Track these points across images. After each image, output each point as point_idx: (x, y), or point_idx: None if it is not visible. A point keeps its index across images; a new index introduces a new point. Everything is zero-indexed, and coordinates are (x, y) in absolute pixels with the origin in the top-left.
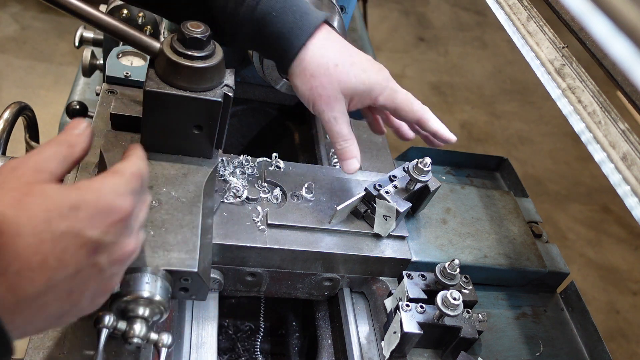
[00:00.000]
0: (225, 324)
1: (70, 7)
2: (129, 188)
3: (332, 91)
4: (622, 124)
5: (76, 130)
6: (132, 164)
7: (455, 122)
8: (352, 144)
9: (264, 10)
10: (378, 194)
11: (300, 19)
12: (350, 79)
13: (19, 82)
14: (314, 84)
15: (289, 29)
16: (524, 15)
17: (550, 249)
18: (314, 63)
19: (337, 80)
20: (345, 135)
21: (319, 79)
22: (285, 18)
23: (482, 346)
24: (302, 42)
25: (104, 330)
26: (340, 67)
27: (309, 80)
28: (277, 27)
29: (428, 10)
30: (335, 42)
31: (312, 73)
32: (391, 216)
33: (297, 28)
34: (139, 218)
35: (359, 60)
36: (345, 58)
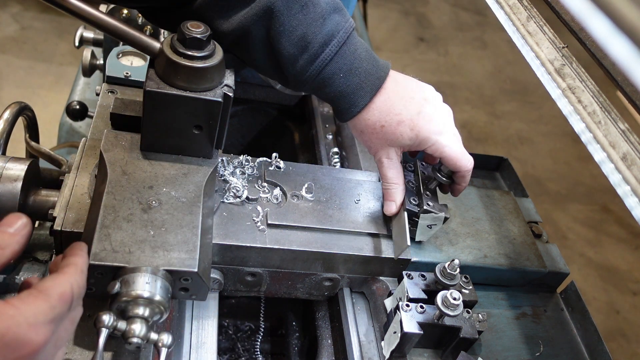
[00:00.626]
0: (225, 324)
1: (70, 7)
2: (50, 316)
3: (380, 146)
4: (622, 124)
5: (10, 228)
6: (63, 282)
7: (455, 122)
8: (396, 188)
9: (332, 70)
10: (424, 209)
11: (365, 81)
12: (397, 138)
13: (19, 82)
14: (364, 139)
15: (352, 91)
16: (524, 15)
17: (550, 249)
18: (363, 124)
19: (384, 139)
20: (390, 178)
21: (367, 136)
22: (350, 80)
23: (482, 346)
24: (363, 105)
25: (104, 330)
26: (386, 128)
27: (360, 135)
28: (341, 89)
29: (428, 10)
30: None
31: (362, 130)
32: (437, 224)
33: (360, 89)
34: (58, 345)
35: (407, 117)
36: (392, 118)
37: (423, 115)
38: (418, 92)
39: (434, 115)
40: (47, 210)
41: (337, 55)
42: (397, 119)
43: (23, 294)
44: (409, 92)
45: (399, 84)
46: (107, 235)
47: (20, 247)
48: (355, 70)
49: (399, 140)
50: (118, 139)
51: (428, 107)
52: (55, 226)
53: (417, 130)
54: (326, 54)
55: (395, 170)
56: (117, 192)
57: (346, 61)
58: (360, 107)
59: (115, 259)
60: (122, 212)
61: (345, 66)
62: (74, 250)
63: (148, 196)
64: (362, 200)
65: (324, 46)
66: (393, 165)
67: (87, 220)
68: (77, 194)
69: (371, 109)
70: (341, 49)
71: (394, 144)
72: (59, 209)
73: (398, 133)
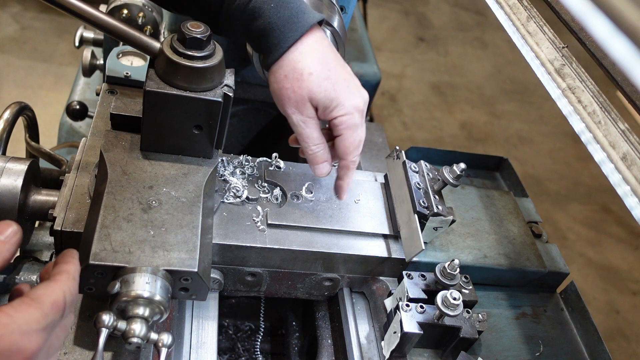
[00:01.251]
0: (225, 324)
1: (71, 8)
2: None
3: (300, 97)
4: (622, 124)
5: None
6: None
7: (455, 122)
8: (323, 148)
9: (262, 0)
10: (433, 212)
11: (296, 15)
12: (319, 91)
13: (19, 82)
14: (285, 85)
15: (283, 24)
16: (524, 15)
17: (550, 249)
18: (291, 65)
19: (307, 88)
20: (315, 139)
21: (290, 82)
22: (281, 12)
23: (482, 346)
24: (293, 40)
25: (104, 330)
26: (313, 77)
27: (282, 80)
28: (271, 20)
29: (428, 10)
30: (320, 50)
31: (286, 74)
32: (443, 226)
33: (292, 23)
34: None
35: (336, 77)
36: (322, 70)
37: (349, 84)
38: (347, 67)
39: (358, 92)
40: (47, 210)
41: None
42: (326, 74)
43: (16, 302)
44: (340, 59)
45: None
46: (107, 235)
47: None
48: (287, 3)
49: (319, 94)
50: (118, 139)
51: (354, 82)
52: (55, 226)
53: (338, 93)
54: None
55: (318, 129)
56: (117, 192)
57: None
58: (290, 41)
59: (115, 259)
60: (122, 212)
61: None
62: (66, 258)
63: (148, 196)
64: (362, 200)
65: None
66: (316, 124)
67: (87, 220)
68: (77, 194)
69: (301, 48)
70: None
71: (313, 99)
72: (59, 209)
73: (323, 87)
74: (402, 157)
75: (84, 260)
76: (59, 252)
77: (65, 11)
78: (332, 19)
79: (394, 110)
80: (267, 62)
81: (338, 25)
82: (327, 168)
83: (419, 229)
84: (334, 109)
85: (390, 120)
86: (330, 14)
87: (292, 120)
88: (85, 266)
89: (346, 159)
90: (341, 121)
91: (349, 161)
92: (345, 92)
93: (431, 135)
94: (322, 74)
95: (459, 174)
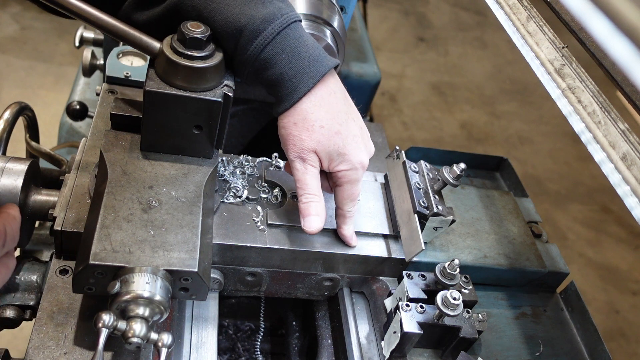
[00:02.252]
0: (225, 324)
1: (71, 8)
2: None
3: (307, 146)
4: (622, 124)
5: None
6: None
7: (455, 122)
8: (318, 201)
9: (274, 50)
10: (433, 212)
11: (308, 66)
12: (329, 144)
13: (19, 82)
14: (294, 133)
15: (294, 74)
16: (524, 15)
17: (550, 249)
18: (302, 115)
19: (315, 140)
20: (312, 188)
21: (299, 131)
22: (293, 63)
23: (482, 346)
24: (304, 91)
25: (104, 330)
26: (325, 130)
27: (291, 127)
28: (283, 71)
29: (428, 10)
30: (334, 102)
31: (296, 122)
32: (443, 226)
33: (303, 74)
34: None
35: (346, 132)
36: (333, 124)
37: (357, 140)
38: (358, 119)
39: (365, 147)
40: (47, 210)
41: (280, 35)
42: (337, 129)
43: None
44: (352, 110)
45: (346, 96)
46: (107, 235)
47: None
48: (299, 53)
49: (327, 148)
50: (118, 139)
51: (363, 137)
52: (56, 226)
53: (348, 149)
54: (268, 32)
55: (318, 180)
56: (117, 192)
57: (289, 43)
58: (301, 93)
59: (115, 259)
60: (122, 212)
61: (289, 48)
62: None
63: (148, 196)
64: (362, 200)
65: (266, 24)
66: (315, 174)
67: (87, 220)
68: (77, 194)
69: (313, 99)
70: (284, 30)
71: (320, 151)
72: (59, 209)
73: (332, 141)
74: (402, 157)
75: (84, 260)
76: (59, 252)
77: (65, 11)
78: (332, 19)
79: (394, 110)
80: (277, 110)
81: (338, 25)
82: (317, 223)
83: (419, 229)
84: (340, 163)
85: (390, 120)
86: (330, 14)
87: (294, 166)
88: (85, 266)
89: (343, 209)
90: (344, 175)
91: (345, 211)
92: (354, 148)
93: (431, 135)
94: (334, 128)
95: (459, 174)
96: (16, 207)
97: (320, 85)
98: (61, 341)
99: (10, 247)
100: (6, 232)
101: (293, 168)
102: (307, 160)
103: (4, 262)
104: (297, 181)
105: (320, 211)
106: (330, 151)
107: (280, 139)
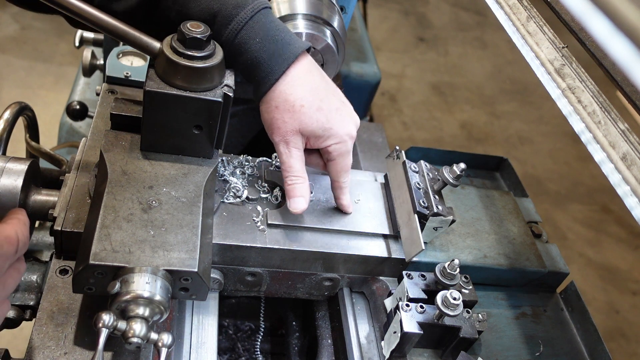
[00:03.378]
0: (225, 324)
1: (71, 8)
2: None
3: (291, 128)
4: (622, 124)
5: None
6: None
7: (455, 122)
8: (303, 182)
9: (247, 34)
10: (433, 212)
11: (281, 48)
12: (311, 122)
13: (19, 82)
14: (276, 116)
15: (269, 57)
16: (524, 15)
17: (550, 249)
18: (282, 97)
19: (298, 120)
20: (297, 170)
21: (281, 113)
22: (267, 46)
23: (482, 346)
24: (280, 73)
25: (104, 330)
26: (305, 109)
27: (273, 111)
28: (258, 55)
29: (428, 10)
30: (310, 80)
31: (277, 105)
32: (443, 226)
33: (278, 56)
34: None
35: (328, 107)
36: (314, 101)
37: (341, 113)
38: (338, 93)
39: (350, 118)
40: (47, 210)
41: (252, 20)
42: (318, 105)
43: None
44: (331, 85)
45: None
46: (107, 235)
47: None
48: (272, 37)
49: (311, 125)
50: (118, 139)
51: (346, 109)
52: (56, 226)
53: (332, 124)
54: (241, 17)
55: (302, 162)
56: (117, 192)
57: (262, 27)
58: (277, 74)
59: (115, 259)
60: (122, 212)
61: (262, 32)
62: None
63: (148, 196)
64: (362, 200)
65: (238, 9)
66: (300, 156)
67: (87, 220)
68: (77, 194)
69: (290, 79)
70: (256, 15)
71: (305, 130)
72: (59, 209)
73: (315, 118)
74: (402, 157)
75: (84, 260)
76: (59, 252)
77: (66, 11)
78: (332, 19)
79: (394, 110)
80: (257, 95)
81: (338, 25)
82: (302, 204)
83: (419, 229)
84: (327, 138)
85: (390, 120)
86: (330, 14)
87: (278, 149)
88: (85, 266)
89: (339, 181)
90: (334, 149)
91: (341, 182)
92: (338, 121)
93: (431, 135)
94: (314, 104)
95: (459, 174)
96: (24, 211)
97: (295, 65)
98: (61, 341)
99: (22, 253)
100: (19, 238)
101: (277, 151)
102: (290, 143)
103: (15, 266)
104: (282, 164)
105: (305, 192)
106: (314, 128)
107: (264, 124)
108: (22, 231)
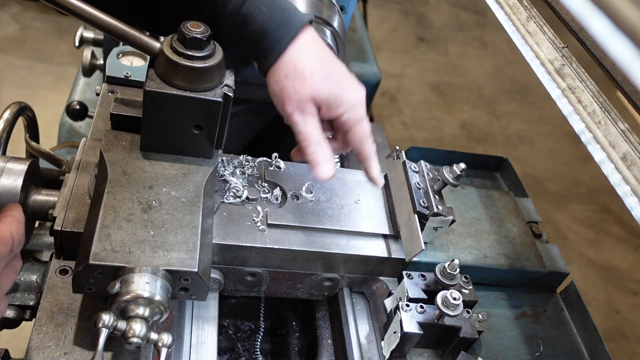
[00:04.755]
0: (225, 324)
1: (71, 8)
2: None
3: (303, 96)
4: (622, 124)
5: None
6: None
7: (455, 122)
8: (324, 148)
9: (253, 4)
10: (433, 212)
11: (288, 16)
12: (322, 89)
13: (19, 82)
14: (287, 85)
15: (276, 26)
16: (524, 15)
17: (550, 249)
18: (291, 65)
19: (309, 87)
20: (316, 138)
21: (292, 82)
22: (274, 15)
23: (482, 346)
24: (288, 41)
25: (104, 330)
26: (315, 75)
27: (283, 81)
28: (265, 24)
29: (428, 10)
30: (317, 49)
31: (287, 74)
32: (443, 226)
33: (285, 24)
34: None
35: (336, 74)
36: (323, 68)
37: (349, 81)
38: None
39: (357, 87)
40: (47, 210)
41: None
42: (327, 71)
43: None
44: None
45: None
46: (107, 235)
47: None
48: (278, 5)
49: (322, 93)
50: (118, 139)
51: (352, 77)
52: (55, 226)
53: (342, 90)
54: None
55: (320, 129)
56: (117, 192)
57: None
58: (286, 42)
59: (115, 259)
60: (122, 212)
61: (268, 0)
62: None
63: (148, 196)
64: (362, 200)
65: None
66: (316, 123)
67: (87, 220)
68: (77, 194)
69: (298, 47)
70: None
71: (317, 97)
72: (59, 209)
73: (326, 85)
74: (402, 157)
75: (84, 260)
76: (59, 252)
77: (66, 11)
78: (332, 19)
79: (394, 110)
80: (264, 66)
81: (338, 25)
82: (329, 170)
83: (419, 229)
84: (339, 106)
85: (390, 120)
86: (330, 14)
87: (293, 119)
88: (85, 266)
89: (363, 150)
90: (348, 117)
91: (366, 151)
92: (347, 88)
93: (431, 135)
94: (323, 72)
95: (459, 174)
96: (19, 207)
97: (302, 34)
98: (61, 341)
99: (17, 251)
100: (13, 237)
101: (292, 122)
102: (305, 110)
103: (11, 264)
104: (299, 134)
105: (329, 157)
106: (327, 95)
107: (273, 96)
108: (16, 229)
